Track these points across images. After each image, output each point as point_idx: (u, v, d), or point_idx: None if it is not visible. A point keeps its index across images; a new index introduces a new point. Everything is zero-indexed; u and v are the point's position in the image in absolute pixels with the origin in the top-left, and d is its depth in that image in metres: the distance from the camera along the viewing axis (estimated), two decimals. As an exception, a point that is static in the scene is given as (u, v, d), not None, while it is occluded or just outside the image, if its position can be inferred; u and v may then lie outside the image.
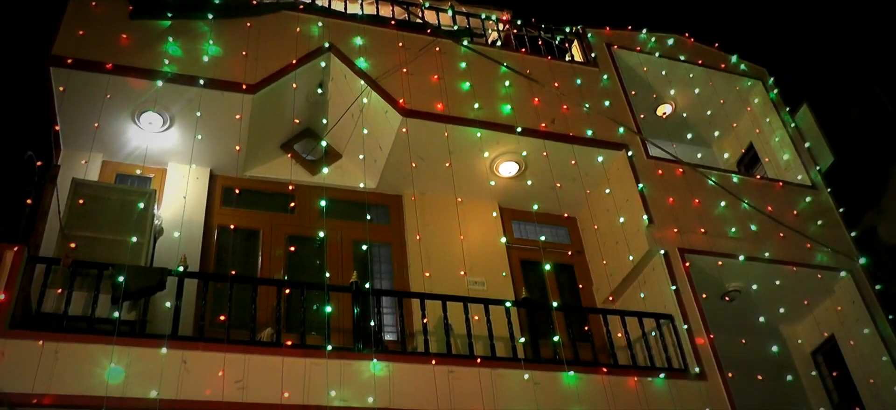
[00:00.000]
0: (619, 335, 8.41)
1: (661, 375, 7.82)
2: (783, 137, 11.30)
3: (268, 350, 6.65)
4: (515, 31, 11.18)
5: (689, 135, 11.93)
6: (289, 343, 6.86)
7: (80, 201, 7.26)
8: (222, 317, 7.04)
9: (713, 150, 12.41)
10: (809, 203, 10.40)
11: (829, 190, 10.79)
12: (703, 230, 9.36)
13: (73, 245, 6.93)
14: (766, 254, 9.45)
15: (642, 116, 10.84)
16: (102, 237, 7.17)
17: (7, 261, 6.35)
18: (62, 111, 8.15)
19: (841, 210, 10.58)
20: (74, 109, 8.15)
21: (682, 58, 11.53)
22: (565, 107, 9.85)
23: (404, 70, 9.29)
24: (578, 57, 11.21)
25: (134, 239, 7.25)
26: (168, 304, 7.02)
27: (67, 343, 6.10)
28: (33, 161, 7.21)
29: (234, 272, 8.01)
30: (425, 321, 7.48)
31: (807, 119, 11.50)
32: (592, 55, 10.96)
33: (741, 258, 9.25)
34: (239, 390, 6.32)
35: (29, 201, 7.05)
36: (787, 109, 11.70)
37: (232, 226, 8.92)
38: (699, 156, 11.76)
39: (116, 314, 6.45)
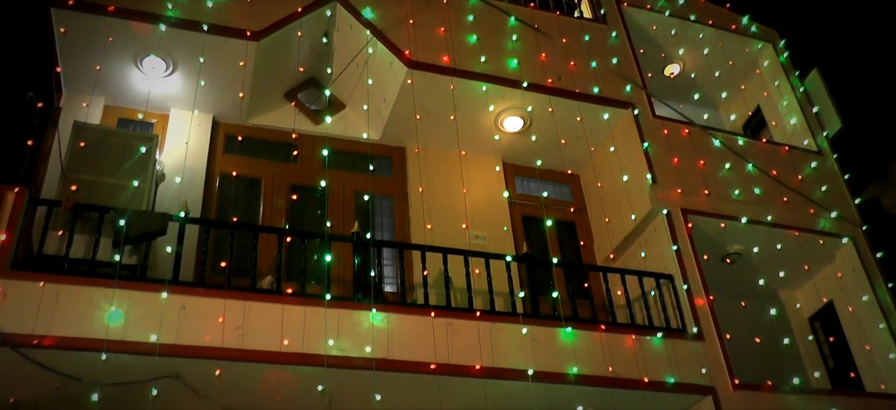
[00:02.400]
0: (619, 293, 8.42)
1: (659, 334, 7.84)
2: (791, 101, 11.21)
3: (268, 297, 6.67)
4: (524, -16, 11.06)
5: (697, 96, 11.82)
6: (289, 291, 6.88)
7: (82, 144, 7.23)
8: (223, 264, 7.06)
9: (719, 112, 12.31)
10: (815, 168, 10.35)
11: (835, 156, 10.73)
12: (706, 191, 9.33)
13: (74, 188, 6.91)
14: (769, 218, 9.43)
15: (650, 75, 10.76)
16: (104, 181, 7.16)
17: (8, 203, 6.34)
18: (63, 53, 8.09)
19: (846, 176, 10.53)
20: (76, 52, 8.09)
21: (692, 17, 11.39)
22: (572, 63, 9.77)
23: (411, 21, 9.19)
24: (587, 13, 11.09)
25: (135, 183, 7.24)
26: (169, 249, 7.03)
27: (68, 286, 6.12)
28: (34, 103, 7.17)
29: (235, 219, 8.01)
30: (425, 273, 7.49)
31: (816, 84, 11.38)
32: (602, 11, 10.83)
33: (744, 220, 9.23)
34: (239, 336, 6.36)
35: (30, 143, 7.02)
36: (797, 73, 11.58)
37: (234, 174, 8.90)
38: (705, 117, 11.68)
39: (117, 257, 6.46)
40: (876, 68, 12.00)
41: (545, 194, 9.90)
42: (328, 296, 6.75)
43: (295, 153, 9.23)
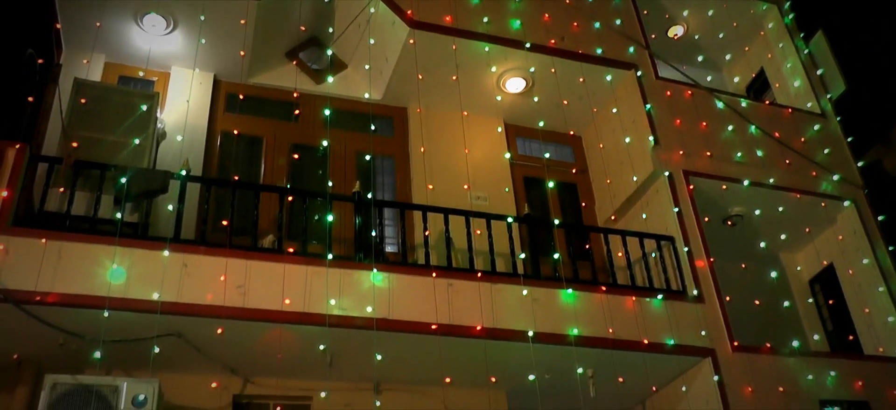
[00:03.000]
0: (620, 255, 8.43)
1: (660, 296, 7.87)
2: (795, 64, 11.12)
3: (269, 256, 6.69)
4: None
5: (700, 58, 11.73)
6: (290, 250, 6.89)
7: (83, 101, 7.20)
8: (225, 222, 7.06)
9: (723, 74, 12.24)
10: (818, 131, 10.31)
11: (838, 119, 10.67)
12: (708, 153, 9.30)
13: (75, 144, 6.89)
14: (771, 180, 9.41)
15: (653, 37, 10.66)
16: (105, 138, 7.13)
17: (9, 159, 6.32)
18: (63, 9, 8.02)
19: (849, 139, 10.49)
20: (76, 8, 8.01)
21: (696, -22, 11.27)
22: (576, 24, 9.68)
23: (414, -21, 9.12)
24: (591, -27, 10.98)
25: (136, 141, 7.22)
26: (170, 207, 7.02)
27: (70, 243, 6.13)
28: (34, 59, 7.12)
29: (236, 178, 8.00)
30: (427, 233, 7.50)
31: (821, 46, 11.28)
32: (605, -29, 10.72)
33: (746, 183, 9.22)
34: (240, 295, 6.38)
35: (30, 100, 6.99)
36: (802, 35, 11.47)
37: (235, 132, 8.87)
38: (709, 79, 11.60)
39: (119, 215, 6.46)
40: (881, 31, 11.86)
41: (547, 155, 9.87)
42: (330, 256, 6.76)
43: (296, 112, 9.19)
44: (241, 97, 9.10)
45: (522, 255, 7.97)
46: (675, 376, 7.98)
